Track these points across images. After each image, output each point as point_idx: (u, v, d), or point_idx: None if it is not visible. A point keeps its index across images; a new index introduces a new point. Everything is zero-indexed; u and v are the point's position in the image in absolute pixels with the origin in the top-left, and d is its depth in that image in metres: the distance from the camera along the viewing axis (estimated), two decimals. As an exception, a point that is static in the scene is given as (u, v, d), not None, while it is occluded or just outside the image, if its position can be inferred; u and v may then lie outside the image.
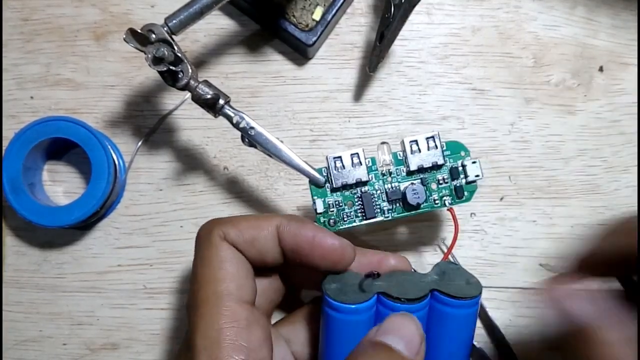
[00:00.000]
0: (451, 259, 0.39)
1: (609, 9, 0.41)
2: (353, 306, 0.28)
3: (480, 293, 0.30)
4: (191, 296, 0.28)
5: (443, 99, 0.40)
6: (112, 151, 0.38)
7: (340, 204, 0.33)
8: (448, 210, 0.33)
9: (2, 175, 0.36)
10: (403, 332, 0.27)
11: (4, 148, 0.37)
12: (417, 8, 0.33)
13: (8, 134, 0.39)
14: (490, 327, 0.39)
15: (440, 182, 0.33)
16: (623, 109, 0.40)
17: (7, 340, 0.39)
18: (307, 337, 0.31)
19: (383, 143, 0.33)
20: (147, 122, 0.40)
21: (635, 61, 0.41)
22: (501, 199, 0.40)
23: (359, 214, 0.33)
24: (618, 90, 0.40)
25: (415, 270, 0.32)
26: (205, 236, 0.29)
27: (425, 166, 0.32)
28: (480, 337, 0.39)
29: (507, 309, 0.39)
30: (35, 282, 0.39)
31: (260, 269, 0.30)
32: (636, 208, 0.40)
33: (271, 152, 0.32)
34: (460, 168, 0.33)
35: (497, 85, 0.40)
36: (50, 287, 0.39)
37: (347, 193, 0.33)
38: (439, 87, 0.40)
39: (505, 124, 0.40)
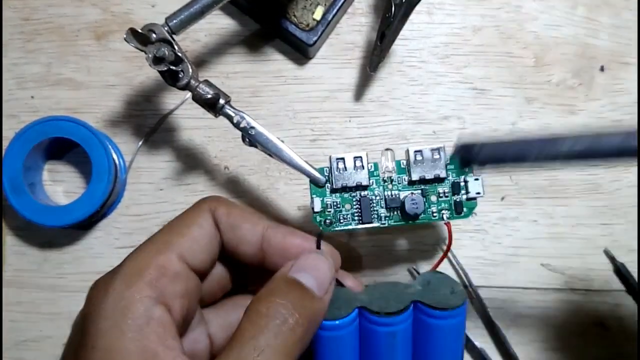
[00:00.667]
0: (451, 259, 0.39)
1: (610, 9, 0.41)
2: (335, 322, 0.29)
3: (464, 303, 0.30)
4: (153, 235, 0.29)
5: (444, 98, 0.40)
6: (112, 151, 0.38)
7: (338, 205, 0.32)
8: (445, 224, 0.33)
9: (2, 175, 0.36)
10: (316, 271, 0.28)
11: (4, 148, 0.37)
12: (417, 8, 0.33)
13: (8, 134, 0.39)
14: (491, 327, 0.39)
15: (441, 195, 0.33)
16: (624, 109, 0.40)
17: (7, 340, 0.39)
18: (225, 322, 0.32)
19: (387, 149, 0.33)
20: (147, 121, 0.40)
21: (636, 61, 0.41)
22: (502, 198, 0.40)
23: (356, 217, 0.32)
24: (619, 89, 0.40)
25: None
26: (196, 203, 0.31)
27: (427, 177, 0.32)
28: (480, 337, 0.39)
29: (507, 309, 0.39)
30: (35, 282, 0.39)
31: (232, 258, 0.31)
32: (636, 208, 0.40)
33: (272, 151, 0.32)
34: (462, 184, 0.33)
35: (498, 84, 0.40)
36: (50, 287, 0.39)
37: (346, 195, 0.33)
38: (440, 86, 0.40)
39: (507, 124, 0.40)
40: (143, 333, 0.25)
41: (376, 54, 0.36)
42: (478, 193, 0.33)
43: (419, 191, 0.33)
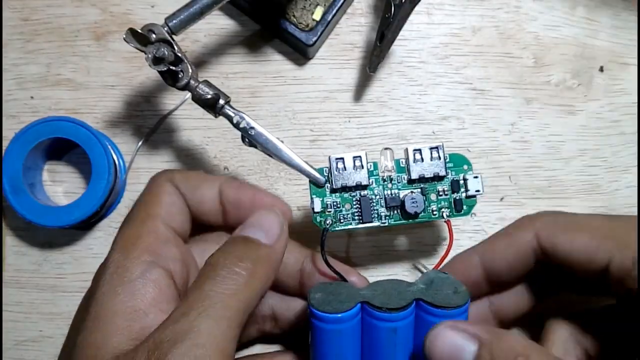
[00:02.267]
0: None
1: (610, 9, 0.41)
2: (337, 315, 0.29)
3: (467, 302, 0.30)
4: (125, 218, 0.31)
5: (443, 99, 0.40)
6: (112, 151, 0.38)
7: (338, 205, 0.33)
8: (445, 222, 0.33)
9: (2, 175, 0.36)
10: (262, 223, 0.30)
11: (4, 148, 0.37)
12: (417, 8, 0.33)
13: (8, 134, 0.39)
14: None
15: (440, 193, 0.33)
16: (623, 109, 0.40)
17: (7, 340, 0.39)
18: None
19: (386, 149, 0.33)
20: (147, 122, 0.40)
21: (636, 61, 0.41)
22: (501, 199, 0.40)
23: (356, 217, 0.33)
24: (618, 90, 0.40)
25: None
26: (153, 178, 0.32)
27: (426, 176, 0.32)
28: (480, 337, 0.39)
29: (507, 309, 0.39)
30: (35, 282, 0.39)
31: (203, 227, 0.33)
32: (636, 208, 0.40)
33: (271, 152, 0.32)
34: (462, 182, 0.33)
35: (498, 85, 0.40)
36: (50, 287, 0.39)
37: (346, 195, 0.33)
38: (439, 87, 0.40)
39: (506, 124, 0.40)
40: (136, 294, 0.26)
41: (376, 55, 0.36)
42: (477, 191, 0.33)
43: (419, 190, 0.33)
